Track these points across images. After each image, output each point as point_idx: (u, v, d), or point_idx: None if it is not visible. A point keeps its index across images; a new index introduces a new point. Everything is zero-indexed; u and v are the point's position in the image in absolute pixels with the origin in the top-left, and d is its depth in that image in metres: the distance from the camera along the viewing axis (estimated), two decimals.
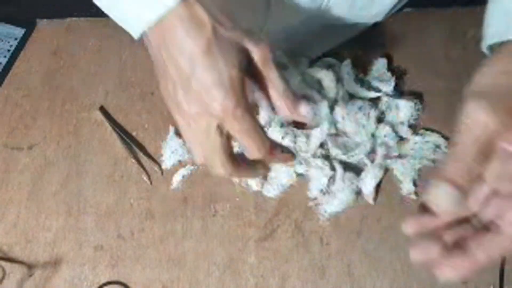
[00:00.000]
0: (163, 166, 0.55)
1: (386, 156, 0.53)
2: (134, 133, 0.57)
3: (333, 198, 0.51)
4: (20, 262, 0.51)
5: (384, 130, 0.53)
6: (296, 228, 0.52)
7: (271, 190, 0.52)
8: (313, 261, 0.50)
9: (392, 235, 0.51)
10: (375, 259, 0.50)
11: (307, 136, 0.52)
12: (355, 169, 0.53)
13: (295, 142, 0.52)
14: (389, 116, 0.55)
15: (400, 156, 0.53)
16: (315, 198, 0.52)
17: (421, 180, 0.52)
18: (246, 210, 0.53)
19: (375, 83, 0.55)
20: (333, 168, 0.52)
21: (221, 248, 0.51)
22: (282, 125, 0.53)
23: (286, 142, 0.52)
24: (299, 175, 0.53)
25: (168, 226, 0.52)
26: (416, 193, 0.52)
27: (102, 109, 0.58)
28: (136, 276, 0.50)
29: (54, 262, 0.51)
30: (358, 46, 0.59)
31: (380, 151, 0.52)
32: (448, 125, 0.56)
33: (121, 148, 0.56)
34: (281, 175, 0.52)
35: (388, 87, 0.55)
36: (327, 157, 0.53)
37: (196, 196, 0.53)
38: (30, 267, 0.51)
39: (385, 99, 0.54)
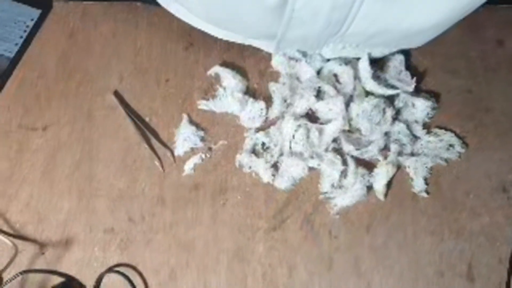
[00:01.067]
0: (176, 153, 0.55)
1: (399, 154, 0.53)
2: (147, 119, 0.57)
3: (344, 192, 0.51)
4: (33, 240, 0.52)
5: (398, 128, 0.53)
6: (305, 220, 0.52)
7: (282, 183, 0.53)
8: (321, 254, 0.51)
9: (400, 232, 0.51)
10: (382, 254, 0.50)
11: (320, 131, 0.53)
12: (368, 165, 0.53)
13: (307, 136, 0.53)
14: (405, 114, 0.55)
15: (413, 154, 0.53)
16: (326, 192, 0.52)
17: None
18: (256, 201, 0.53)
19: (394, 82, 0.55)
20: (345, 163, 0.52)
21: (230, 236, 0.51)
22: (295, 118, 0.53)
23: (299, 135, 0.52)
24: (310, 168, 0.53)
25: (179, 212, 0.52)
26: (427, 192, 0.52)
27: (116, 94, 0.59)
28: (146, 259, 0.51)
29: (65, 242, 0.52)
30: None
31: (393, 148, 0.53)
32: (463, 124, 0.56)
33: (134, 133, 0.56)
34: (292, 168, 0.52)
35: (408, 87, 0.54)
36: (339, 152, 0.53)
37: (207, 184, 0.54)
38: (42, 245, 0.51)
39: (402, 96, 0.54)
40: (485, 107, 0.56)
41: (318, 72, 0.56)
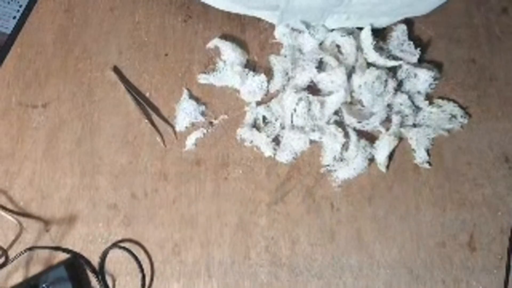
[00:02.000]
0: (177, 128, 0.55)
1: (401, 125, 0.53)
2: (147, 94, 0.57)
3: (345, 165, 0.51)
4: (37, 218, 0.52)
5: (400, 99, 0.53)
6: (307, 193, 0.52)
7: (284, 156, 0.52)
8: (323, 226, 0.51)
9: (402, 204, 0.51)
10: (384, 226, 0.51)
11: (322, 103, 0.52)
12: (369, 137, 0.53)
13: (309, 109, 0.52)
14: (407, 85, 0.54)
15: (415, 125, 0.53)
16: (328, 165, 0.52)
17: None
18: (258, 174, 0.53)
19: (396, 52, 0.54)
20: (346, 135, 0.52)
21: (233, 210, 0.52)
22: (296, 91, 0.53)
23: (300, 108, 0.52)
24: (312, 141, 0.53)
25: (181, 187, 0.53)
26: (429, 163, 0.52)
27: (116, 69, 0.58)
28: (149, 235, 0.51)
29: (69, 219, 0.52)
30: None
31: (396, 120, 0.52)
32: (466, 94, 0.55)
33: (135, 109, 0.55)
34: (294, 141, 0.52)
35: (411, 57, 0.53)
36: (341, 124, 0.53)
37: (209, 159, 0.54)
38: (46, 222, 0.52)
39: (405, 67, 0.53)
40: (488, 76, 0.56)
41: (321, 43, 0.55)
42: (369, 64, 0.54)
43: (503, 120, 0.54)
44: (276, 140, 0.53)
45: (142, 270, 0.50)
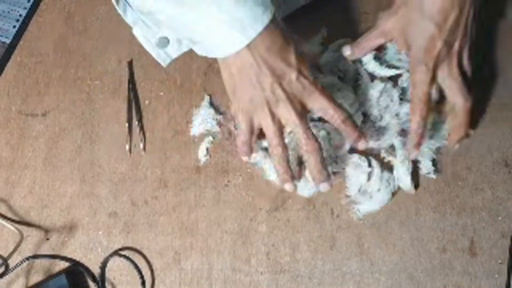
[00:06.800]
0: (191, 133, 0.55)
1: (404, 144, 0.51)
2: (146, 102, 0.57)
3: (369, 198, 0.50)
4: (37, 226, 0.52)
5: (406, 108, 0.52)
6: (307, 200, 0.52)
7: (306, 191, 0.51)
8: (323, 232, 0.51)
9: (402, 209, 0.51)
10: (385, 232, 0.51)
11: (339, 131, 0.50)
12: (390, 167, 0.52)
13: (329, 140, 0.51)
14: (409, 94, 0.53)
15: None
16: (349, 196, 0.51)
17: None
18: (258, 181, 0.53)
19: (394, 62, 0.53)
20: (370, 165, 0.51)
21: (233, 217, 0.52)
22: (312, 121, 0.50)
23: (320, 140, 0.49)
24: (335, 173, 0.51)
25: (181, 194, 0.53)
26: (435, 172, 0.52)
27: (130, 65, 0.58)
28: (149, 242, 0.51)
29: (70, 227, 0.52)
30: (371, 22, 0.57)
31: (397, 145, 0.51)
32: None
33: (134, 116, 0.56)
34: None
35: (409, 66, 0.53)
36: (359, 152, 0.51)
37: (209, 166, 0.54)
38: (46, 231, 0.52)
39: (405, 75, 0.53)
40: (487, 81, 0.56)
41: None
42: (372, 77, 0.53)
43: (502, 125, 0.54)
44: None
45: (142, 278, 0.50)
